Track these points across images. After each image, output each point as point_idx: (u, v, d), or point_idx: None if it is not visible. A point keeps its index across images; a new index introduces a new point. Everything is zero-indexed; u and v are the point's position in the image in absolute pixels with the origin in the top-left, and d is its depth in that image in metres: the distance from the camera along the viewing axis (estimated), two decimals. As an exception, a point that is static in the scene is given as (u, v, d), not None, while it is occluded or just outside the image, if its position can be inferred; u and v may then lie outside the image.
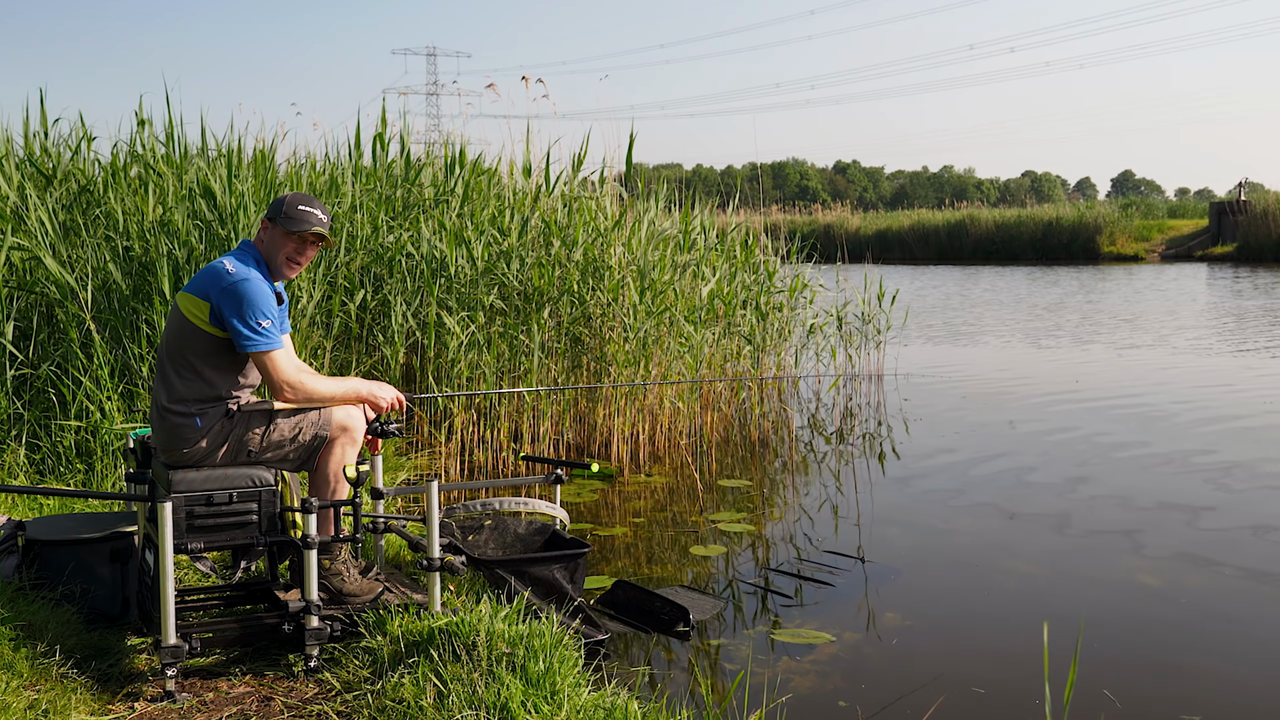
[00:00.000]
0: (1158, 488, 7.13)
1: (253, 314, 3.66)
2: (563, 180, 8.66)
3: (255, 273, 3.74)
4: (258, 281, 3.72)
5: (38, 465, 5.61)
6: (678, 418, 8.50)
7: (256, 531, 3.74)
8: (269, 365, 3.71)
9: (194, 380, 3.73)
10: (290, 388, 3.73)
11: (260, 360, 3.71)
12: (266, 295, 3.72)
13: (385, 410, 3.98)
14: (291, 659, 3.80)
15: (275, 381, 3.73)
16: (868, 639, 4.64)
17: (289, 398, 3.75)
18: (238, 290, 3.67)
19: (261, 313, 3.68)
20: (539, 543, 4.84)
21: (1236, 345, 14.36)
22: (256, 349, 3.68)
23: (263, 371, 3.73)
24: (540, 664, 3.38)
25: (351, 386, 3.91)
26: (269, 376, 3.73)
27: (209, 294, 3.69)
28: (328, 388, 3.83)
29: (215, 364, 3.74)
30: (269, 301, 3.72)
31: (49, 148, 7.06)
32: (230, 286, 3.68)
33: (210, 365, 3.73)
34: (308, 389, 3.77)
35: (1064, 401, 10.40)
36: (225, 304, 3.67)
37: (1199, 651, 4.54)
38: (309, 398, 3.78)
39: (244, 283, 3.69)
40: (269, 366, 3.71)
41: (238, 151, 7.32)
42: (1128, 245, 40.18)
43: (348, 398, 3.88)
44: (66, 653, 3.59)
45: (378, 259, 7.37)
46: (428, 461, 7.21)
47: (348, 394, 3.88)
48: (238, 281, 3.68)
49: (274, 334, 3.71)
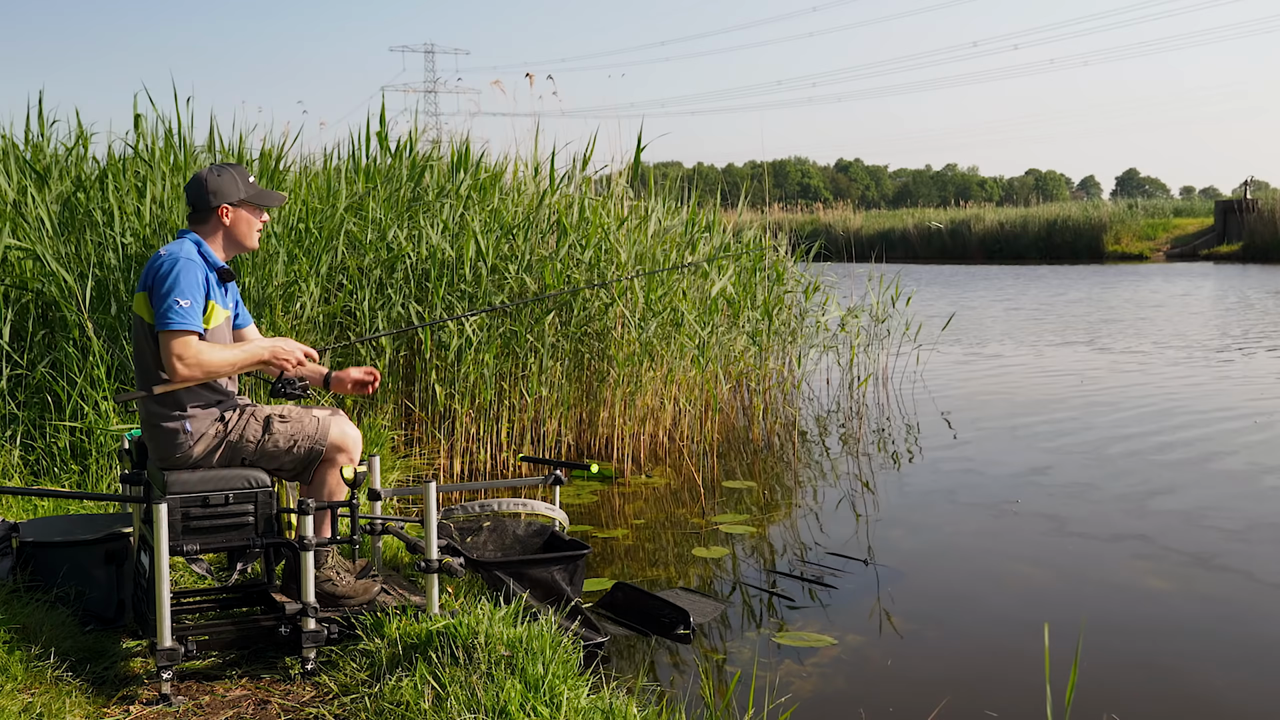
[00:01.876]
0: (1164, 490, 7.09)
1: (174, 292, 3.55)
2: (570, 179, 8.62)
3: (187, 252, 3.66)
4: (186, 260, 3.62)
5: (32, 466, 5.58)
6: (679, 418, 8.46)
7: (253, 533, 3.71)
8: (174, 345, 3.53)
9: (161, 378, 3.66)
10: (183, 362, 3.54)
11: (168, 339, 3.54)
12: (193, 275, 3.61)
13: (293, 366, 3.83)
14: (288, 662, 3.77)
15: (169, 359, 3.54)
16: (871, 642, 4.61)
17: (183, 375, 3.56)
18: (164, 270, 3.60)
19: (183, 291, 3.56)
20: (538, 544, 4.81)
21: (1249, 347, 14.30)
22: (168, 327, 3.53)
23: (163, 349, 3.56)
24: (539, 667, 3.36)
25: (252, 350, 3.77)
26: (165, 354, 3.55)
27: (146, 283, 3.65)
28: (227, 356, 3.67)
29: None
30: (194, 282, 3.60)
31: (45, 146, 7.03)
32: (156, 268, 3.62)
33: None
34: (202, 360, 3.58)
35: (1070, 403, 10.36)
36: (154, 286, 3.60)
37: (1204, 655, 4.51)
38: (209, 372, 3.62)
39: (172, 262, 3.61)
40: (173, 346, 3.53)
41: (241, 147, 7.29)
42: (1133, 244, 40.13)
43: (250, 363, 3.76)
44: (61, 656, 3.56)
45: (380, 259, 7.33)
46: (426, 462, 7.18)
47: (248, 358, 3.75)
48: (164, 261, 3.62)
49: (190, 315, 3.56)
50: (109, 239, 6.05)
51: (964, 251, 42.23)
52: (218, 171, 3.81)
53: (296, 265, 6.63)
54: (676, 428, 8.46)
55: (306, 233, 6.81)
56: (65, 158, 6.94)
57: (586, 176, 8.67)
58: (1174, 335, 15.52)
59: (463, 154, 8.38)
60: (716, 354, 8.64)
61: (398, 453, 7.05)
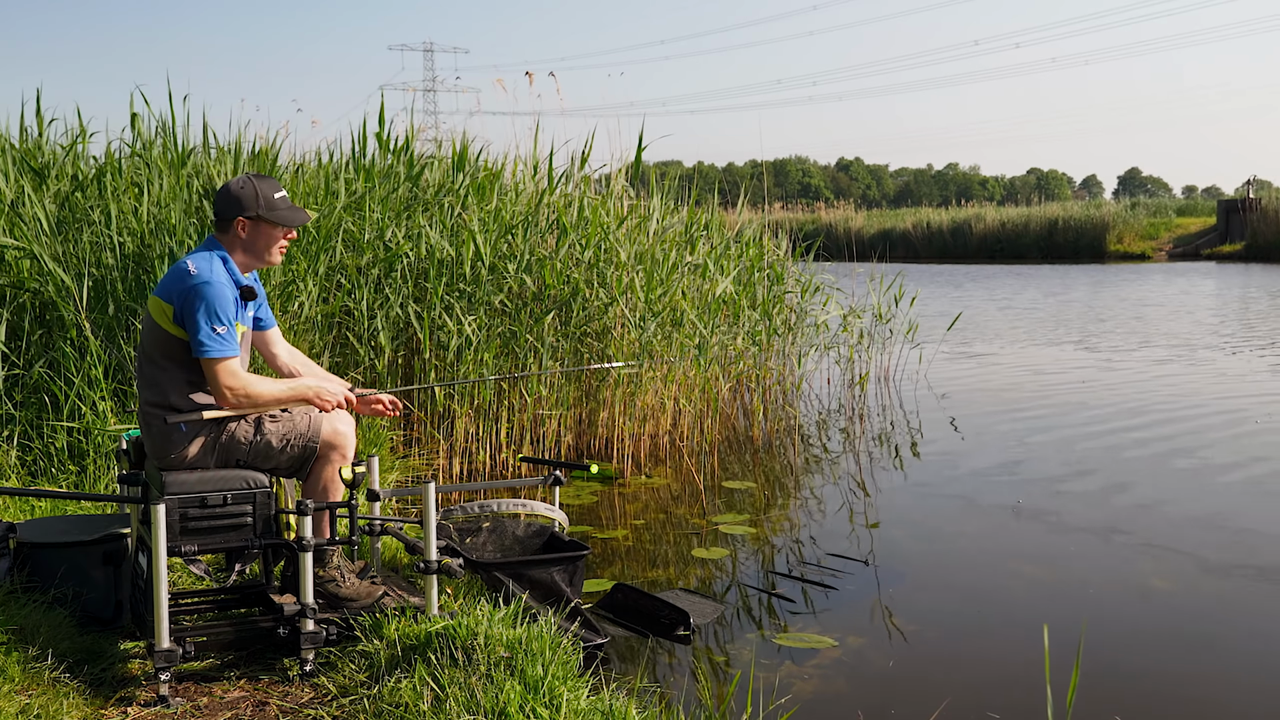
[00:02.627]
0: (1168, 490, 7.07)
1: (209, 319, 3.59)
2: (568, 178, 8.60)
3: (218, 274, 3.67)
4: (219, 285, 3.64)
5: (30, 467, 5.56)
6: (680, 419, 8.44)
7: (251, 534, 3.70)
8: (217, 373, 3.63)
9: (171, 384, 3.68)
10: (233, 393, 3.65)
11: (209, 367, 3.64)
12: (225, 300, 3.64)
13: (331, 410, 3.87)
14: (287, 663, 3.76)
15: (219, 388, 3.65)
16: (871, 643, 4.59)
17: (232, 403, 3.68)
18: (197, 294, 3.60)
19: (218, 319, 3.61)
20: (538, 545, 4.80)
21: (1258, 347, 14.29)
22: (207, 355, 3.61)
23: (209, 377, 3.66)
24: (539, 668, 3.35)
25: (297, 388, 3.81)
26: (214, 382, 3.65)
27: (172, 296, 3.65)
28: (272, 390, 3.73)
29: (191, 366, 3.68)
30: (227, 306, 3.64)
31: (44, 143, 7.01)
32: (190, 290, 3.62)
33: (185, 368, 3.68)
34: (250, 394, 3.68)
35: (1072, 403, 10.34)
36: (185, 307, 3.62)
37: (1208, 657, 4.50)
38: (253, 403, 3.70)
39: (204, 286, 3.62)
40: (217, 374, 3.63)
41: (237, 146, 7.26)
42: (1135, 244, 40.02)
43: (293, 399, 3.79)
44: (59, 657, 3.55)
45: (378, 258, 7.31)
46: (425, 462, 7.16)
47: (293, 395, 3.79)
48: (198, 284, 3.62)
49: (228, 341, 3.63)
50: (106, 239, 6.03)
51: (965, 251, 42.14)
52: (242, 183, 3.79)
53: (295, 265, 6.61)
54: (676, 428, 8.44)
55: (304, 232, 6.79)
56: (64, 156, 6.92)
57: (586, 175, 8.65)
58: (1178, 336, 15.49)
59: (461, 153, 8.36)
60: (717, 354, 8.62)
61: (396, 453, 7.03)
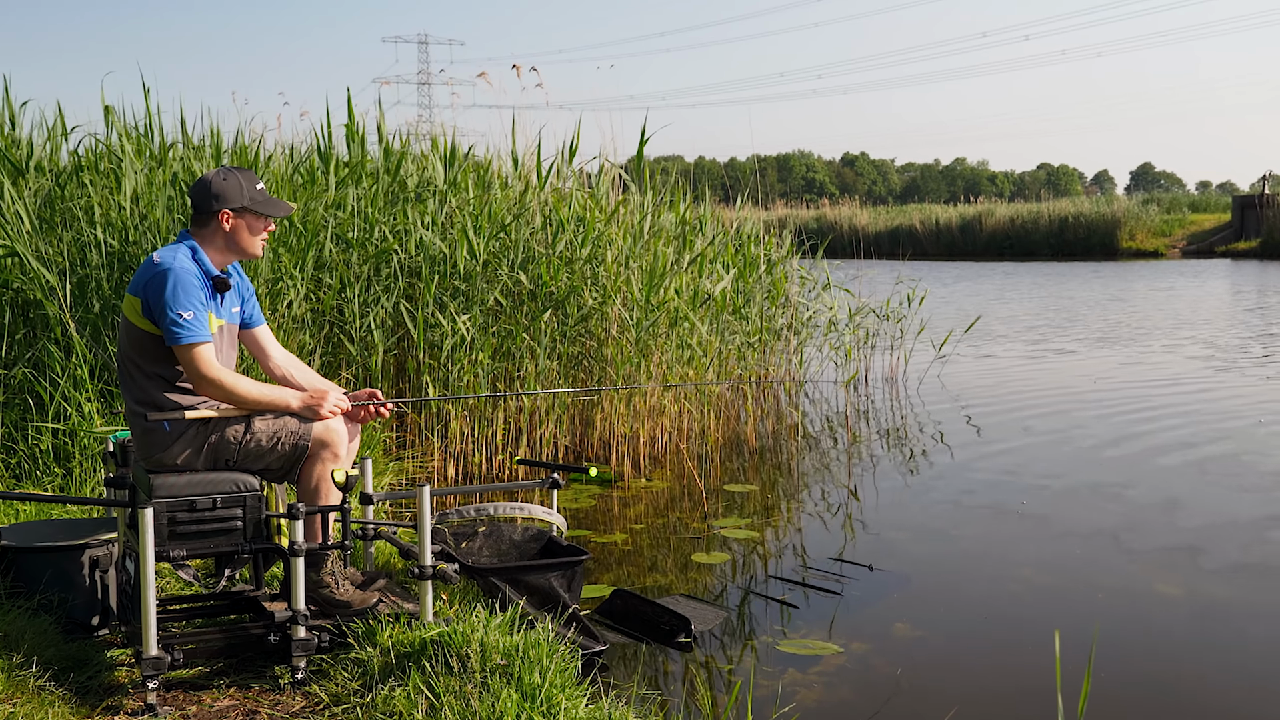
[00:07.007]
0: (1176, 494, 7.00)
1: (174, 304, 3.52)
2: (557, 172, 8.50)
3: (181, 261, 3.60)
4: (182, 270, 3.57)
5: (13, 470, 5.50)
6: (680, 420, 8.36)
7: (241, 538, 3.63)
8: (191, 359, 3.56)
9: (150, 382, 3.61)
10: (210, 384, 3.57)
11: (182, 354, 3.56)
12: (190, 285, 3.57)
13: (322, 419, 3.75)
14: (278, 671, 3.70)
15: (195, 374, 3.58)
16: (877, 650, 4.51)
17: (210, 394, 3.61)
18: (161, 280, 3.55)
19: (183, 304, 3.53)
20: (535, 550, 4.73)
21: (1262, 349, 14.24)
22: (179, 341, 3.53)
23: (185, 364, 3.58)
24: (536, 675, 3.31)
25: (278, 396, 3.70)
26: (189, 368, 3.58)
27: (139, 289, 3.60)
28: (253, 392, 3.64)
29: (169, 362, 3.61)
30: (192, 292, 3.57)
31: (19, 137, 6.91)
32: (153, 277, 3.56)
33: (162, 364, 3.62)
34: (228, 389, 3.59)
35: (1080, 405, 10.26)
36: (151, 296, 3.56)
37: (1223, 665, 4.43)
38: (230, 398, 3.61)
39: (167, 271, 3.55)
40: (191, 361, 3.56)
41: (216, 138, 7.18)
42: (1147, 241, 39.56)
43: (273, 406, 3.68)
44: (44, 664, 3.51)
45: (367, 255, 7.22)
46: (419, 465, 7.08)
47: (273, 402, 3.68)
48: (161, 270, 3.56)
49: (198, 326, 3.55)
50: (90, 236, 5.94)
51: (974, 248, 41.58)
52: (224, 175, 3.73)
53: (281, 262, 6.52)
54: (676, 429, 8.36)
55: (291, 228, 6.71)
56: (43, 151, 6.84)
57: (574, 170, 8.55)
58: (1193, 336, 15.38)
59: (451, 147, 8.26)
60: (717, 354, 8.55)
61: (390, 456, 6.94)
